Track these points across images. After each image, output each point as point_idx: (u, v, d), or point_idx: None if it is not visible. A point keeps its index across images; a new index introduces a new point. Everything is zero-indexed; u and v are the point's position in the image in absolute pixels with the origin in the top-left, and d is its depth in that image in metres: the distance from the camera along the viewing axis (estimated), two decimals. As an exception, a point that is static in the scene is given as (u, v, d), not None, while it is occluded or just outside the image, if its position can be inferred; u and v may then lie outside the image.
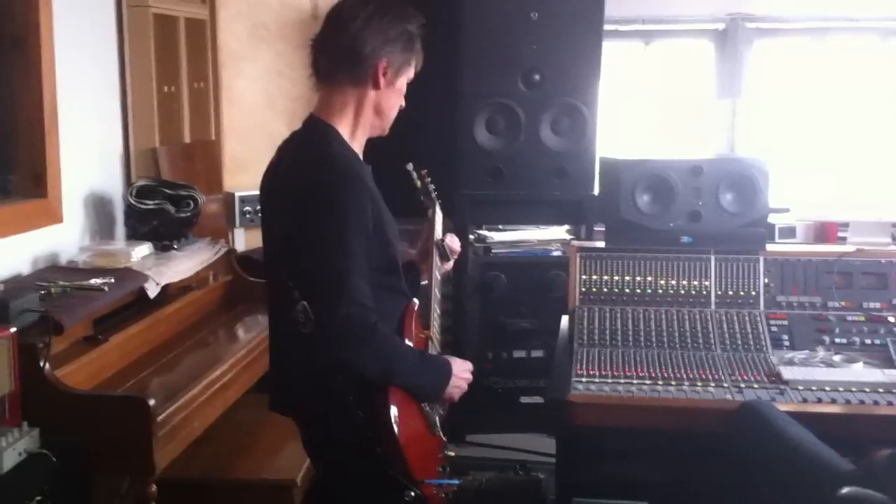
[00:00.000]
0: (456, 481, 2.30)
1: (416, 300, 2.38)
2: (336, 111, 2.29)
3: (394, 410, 2.12)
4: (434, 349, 2.42)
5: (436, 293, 2.49)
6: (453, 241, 2.68)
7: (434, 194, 2.62)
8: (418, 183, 2.59)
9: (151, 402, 2.54)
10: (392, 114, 2.35)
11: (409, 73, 2.36)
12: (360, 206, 2.15)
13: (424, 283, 2.54)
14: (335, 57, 2.29)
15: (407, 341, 2.28)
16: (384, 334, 2.15)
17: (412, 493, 2.15)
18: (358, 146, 2.32)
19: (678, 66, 5.32)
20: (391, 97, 2.31)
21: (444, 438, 2.37)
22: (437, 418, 2.33)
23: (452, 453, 2.39)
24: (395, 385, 2.16)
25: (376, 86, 2.27)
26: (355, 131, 2.31)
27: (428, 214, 2.64)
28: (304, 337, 2.11)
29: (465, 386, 2.37)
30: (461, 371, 2.36)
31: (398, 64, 2.29)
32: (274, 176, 2.31)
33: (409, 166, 2.58)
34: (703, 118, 5.28)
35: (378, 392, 2.13)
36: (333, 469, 2.33)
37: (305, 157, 2.25)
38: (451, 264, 2.67)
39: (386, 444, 2.12)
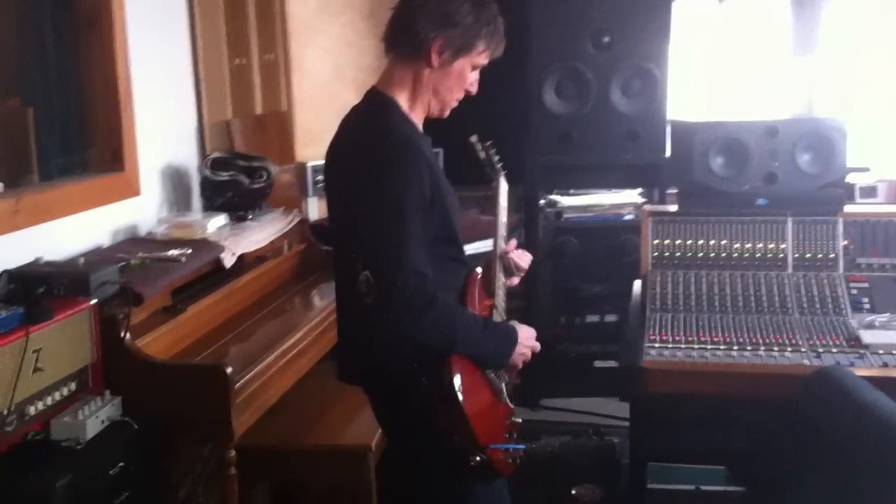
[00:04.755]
0: (522, 446, 2.30)
1: (479, 269, 2.38)
2: (396, 83, 2.29)
3: (457, 377, 2.13)
4: (499, 317, 2.41)
5: (499, 264, 2.48)
6: (521, 258, 2.55)
7: (499, 165, 2.60)
8: (482, 154, 2.58)
9: (229, 369, 2.58)
10: (449, 97, 2.31)
11: (476, 59, 2.29)
12: (418, 176, 2.15)
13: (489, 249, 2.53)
14: (396, 29, 2.29)
15: (470, 309, 2.29)
16: (444, 302, 2.16)
17: (477, 458, 2.16)
18: (417, 118, 2.31)
19: (752, 23, 5.17)
20: (447, 79, 2.27)
21: (512, 405, 2.38)
22: (503, 385, 2.34)
23: (520, 419, 2.38)
24: (458, 353, 2.17)
25: (430, 64, 2.25)
26: (414, 105, 2.30)
27: (492, 186, 2.63)
28: (368, 307, 2.13)
29: (529, 354, 2.37)
30: (526, 339, 2.35)
31: (456, 46, 2.24)
32: (335, 149, 2.32)
33: (473, 138, 2.56)
34: (780, 77, 5.14)
35: (442, 360, 2.14)
36: (401, 436, 2.37)
37: (363, 128, 2.27)
38: (516, 280, 2.57)
39: (450, 410, 2.13)
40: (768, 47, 5.18)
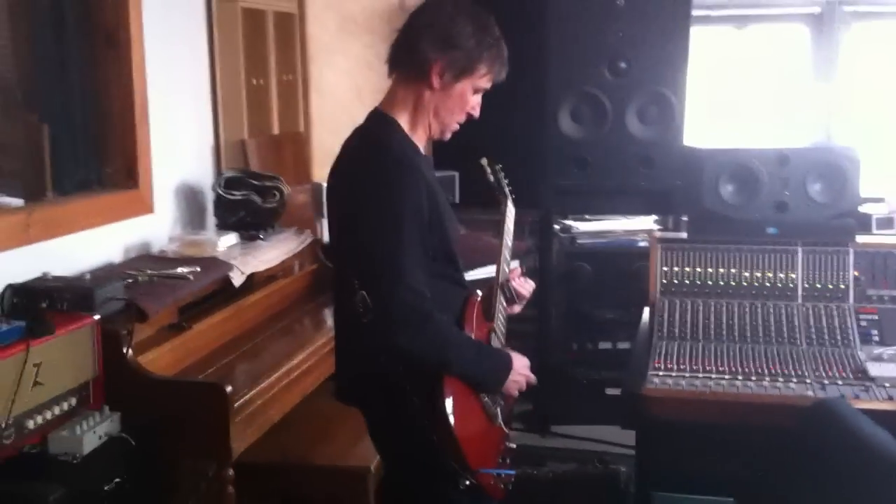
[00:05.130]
0: (513, 472, 2.29)
1: (479, 292, 2.38)
2: (397, 104, 2.31)
3: (450, 399, 2.13)
4: (498, 343, 2.41)
5: (501, 302, 2.48)
6: (523, 287, 2.54)
7: (508, 189, 2.60)
8: (491, 177, 2.59)
9: (229, 388, 2.60)
10: (449, 119, 2.31)
11: (477, 82, 2.30)
12: (416, 195, 2.16)
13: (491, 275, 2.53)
14: (399, 51, 2.31)
15: (467, 332, 2.29)
16: (439, 321, 2.17)
17: (467, 482, 2.15)
18: (419, 139, 2.32)
19: (772, 51, 5.17)
20: (448, 101, 2.28)
21: (507, 430, 2.37)
22: (498, 410, 2.33)
23: (514, 445, 2.38)
24: (451, 373, 2.17)
25: (431, 86, 2.26)
26: (415, 126, 2.31)
27: (501, 209, 2.63)
28: (364, 326, 2.14)
29: (523, 382, 2.36)
30: (521, 367, 2.35)
31: (458, 68, 2.25)
32: (336, 168, 2.34)
33: (484, 161, 2.58)
34: (799, 105, 5.12)
35: (434, 381, 2.14)
36: (394, 456, 2.37)
37: (364, 148, 2.28)
38: (518, 308, 2.55)
39: (441, 432, 2.13)
40: (788, 75, 5.16)
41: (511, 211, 2.61)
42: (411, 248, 2.14)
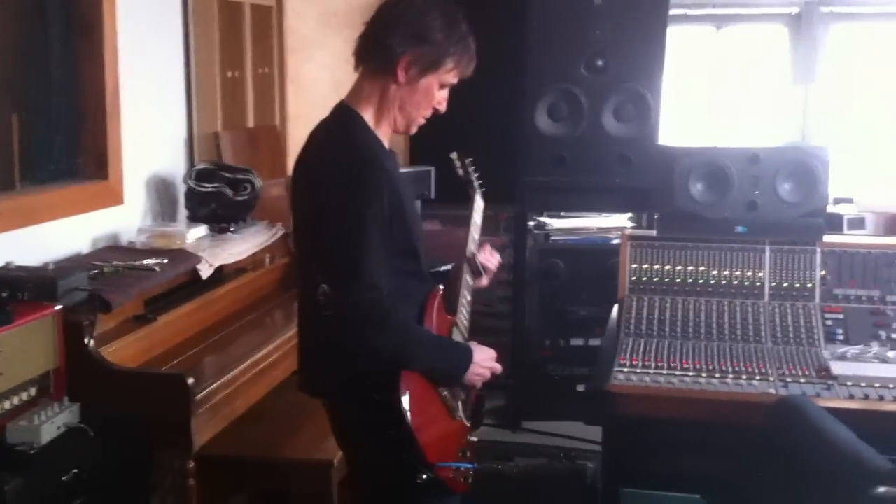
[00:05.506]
0: (472, 465, 2.29)
1: (440, 286, 2.38)
2: (363, 98, 2.30)
3: (406, 395, 2.14)
4: (461, 335, 2.41)
5: (466, 279, 2.48)
6: (489, 259, 2.55)
7: (477, 183, 2.60)
8: (461, 171, 2.59)
9: (190, 380, 2.60)
10: (415, 113, 2.30)
11: (444, 77, 2.29)
12: (378, 190, 2.15)
13: (449, 267, 2.53)
14: (366, 44, 2.30)
15: (427, 326, 2.29)
16: (398, 318, 2.17)
17: (424, 476, 2.16)
18: (383, 134, 2.32)
19: (750, 51, 5.18)
20: (413, 95, 2.27)
21: (468, 423, 2.37)
22: (458, 403, 2.33)
23: (475, 438, 2.38)
24: (410, 369, 2.17)
25: (396, 80, 2.25)
26: (380, 120, 2.30)
27: (469, 202, 2.64)
28: (326, 319, 2.14)
29: (487, 374, 2.36)
30: (483, 360, 2.35)
31: (424, 63, 2.24)
32: (300, 162, 2.34)
33: (454, 155, 2.58)
34: (776, 105, 5.14)
35: (393, 375, 2.15)
36: (355, 450, 2.37)
37: (326, 141, 2.28)
38: (485, 281, 2.56)
39: (398, 426, 2.13)
40: (766, 75, 5.17)
41: (480, 204, 2.61)
42: (372, 244, 2.13)
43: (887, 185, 4.86)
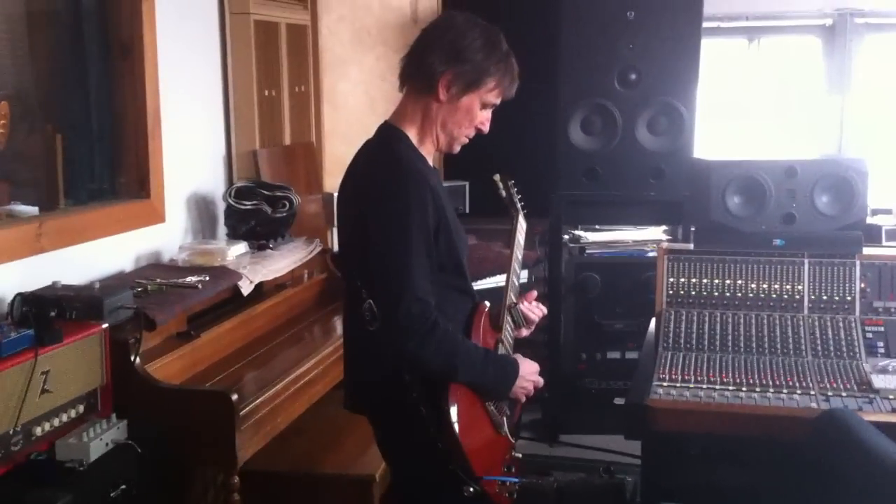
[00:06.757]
0: (517, 479, 2.31)
1: (487, 302, 2.41)
2: (407, 117, 2.34)
3: (454, 407, 2.17)
4: (506, 351, 2.43)
5: (511, 297, 2.50)
6: (532, 311, 2.53)
7: (520, 204, 2.62)
8: (503, 193, 2.61)
9: (234, 396, 2.63)
10: (457, 131, 2.34)
11: (485, 97, 2.32)
12: (423, 205, 2.19)
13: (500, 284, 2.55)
14: (409, 64, 2.34)
15: (474, 341, 2.31)
16: (445, 330, 2.20)
17: (471, 489, 2.18)
18: (427, 152, 2.36)
19: (784, 63, 5.17)
20: (455, 114, 2.31)
21: (512, 440, 2.39)
22: (503, 419, 2.35)
23: (520, 454, 2.40)
24: (458, 381, 2.20)
25: (438, 98, 2.29)
26: (423, 138, 2.35)
27: (512, 223, 2.65)
28: (372, 335, 2.17)
29: (531, 388, 2.38)
30: (528, 373, 2.37)
31: (465, 82, 2.28)
32: (346, 179, 2.38)
33: (497, 177, 2.60)
34: (811, 117, 5.12)
35: (441, 389, 2.17)
36: (400, 464, 2.39)
37: (372, 159, 2.33)
38: (525, 332, 2.55)
39: (446, 439, 2.16)
40: (799, 86, 5.16)
41: (522, 225, 2.62)
42: (418, 258, 2.17)
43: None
